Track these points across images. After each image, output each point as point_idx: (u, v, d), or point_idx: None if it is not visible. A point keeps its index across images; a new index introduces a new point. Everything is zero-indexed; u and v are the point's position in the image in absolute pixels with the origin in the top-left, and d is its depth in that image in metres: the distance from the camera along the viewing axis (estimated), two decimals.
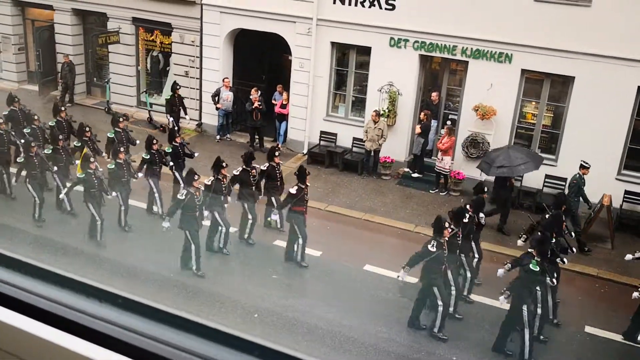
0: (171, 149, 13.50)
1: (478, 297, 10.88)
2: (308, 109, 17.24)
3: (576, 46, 13.93)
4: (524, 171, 13.69)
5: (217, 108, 17.64)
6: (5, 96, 15.68)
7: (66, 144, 13.55)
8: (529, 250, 9.53)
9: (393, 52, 15.86)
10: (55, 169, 12.85)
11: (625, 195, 14.03)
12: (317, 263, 11.93)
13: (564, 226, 10.78)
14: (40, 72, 20.83)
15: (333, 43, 16.70)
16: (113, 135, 13.97)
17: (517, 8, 14.40)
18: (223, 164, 11.73)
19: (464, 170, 15.27)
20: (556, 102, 15.10)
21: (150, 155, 12.95)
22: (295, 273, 11.64)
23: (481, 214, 10.92)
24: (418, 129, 15.73)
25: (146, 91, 20.06)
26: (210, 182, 11.56)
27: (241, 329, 1.16)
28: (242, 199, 12.13)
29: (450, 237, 9.59)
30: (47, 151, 13.08)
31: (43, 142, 13.99)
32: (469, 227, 10.52)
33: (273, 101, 17.76)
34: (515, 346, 9.27)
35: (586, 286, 11.64)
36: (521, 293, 9.12)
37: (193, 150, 14.23)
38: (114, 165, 12.39)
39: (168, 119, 17.23)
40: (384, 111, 16.02)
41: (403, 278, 9.82)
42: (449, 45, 15.31)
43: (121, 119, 14.52)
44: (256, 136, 17.56)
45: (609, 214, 13.12)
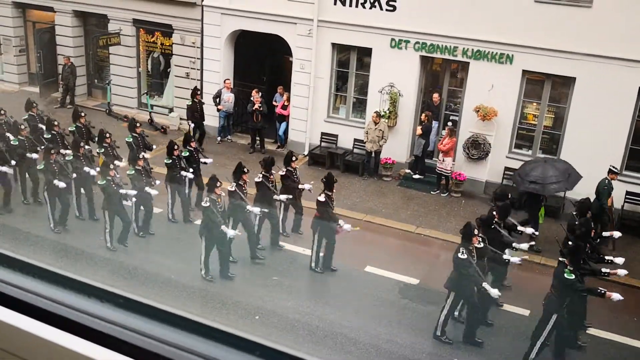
0: (187, 153, 13.31)
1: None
2: (309, 110, 17.24)
3: (577, 47, 13.93)
4: (555, 191, 13.04)
5: (219, 110, 17.64)
6: (7, 99, 15.71)
7: (86, 150, 13.30)
8: (561, 259, 9.40)
9: (394, 53, 15.86)
10: (74, 176, 12.61)
11: (626, 196, 14.01)
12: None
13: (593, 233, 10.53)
14: (41, 74, 20.86)
15: (334, 44, 16.70)
16: (131, 140, 13.78)
17: (518, 9, 14.40)
18: (245, 170, 11.55)
19: (465, 171, 15.26)
20: (557, 103, 15.09)
21: (171, 160, 12.80)
22: (296, 275, 11.64)
23: (521, 227, 10.85)
24: (419, 130, 15.73)
25: (147, 93, 20.07)
26: (233, 189, 11.38)
27: (242, 330, 1.15)
28: (263, 205, 11.83)
29: (478, 244, 9.47)
30: (68, 158, 12.84)
31: (63, 148, 13.69)
32: (497, 234, 10.34)
33: (274, 103, 17.77)
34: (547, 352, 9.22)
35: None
36: (557, 302, 9.01)
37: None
38: (133, 171, 12.20)
39: (189, 125, 16.95)
40: (385, 112, 16.02)
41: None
42: (450, 46, 15.31)
43: (138, 124, 14.30)
44: (257, 138, 17.57)
45: (611, 215, 13.10)
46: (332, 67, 16.97)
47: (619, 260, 10.17)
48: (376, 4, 15.81)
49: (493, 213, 10.59)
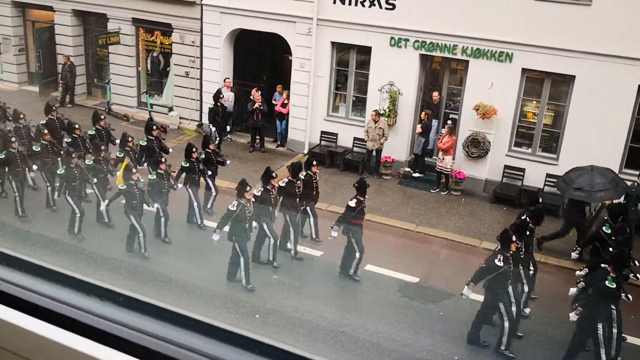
0: (204, 155, 13.14)
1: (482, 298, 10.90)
2: (309, 109, 17.24)
3: (577, 45, 13.93)
4: (601, 200, 12.49)
5: None
6: (7, 98, 15.68)
7: (107, 154, 13.07)
8: (603, 265, 9.23)
9: (393, 52, 15.86)
10: (95, 181, 12.41)
11: (626, 194, 14.00)
12: (319, 263, 11.93)
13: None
14: (40, 73, 20.87)
15: (333, 43, 16.70)
16: (146, 143, 13.63)
17: (518, 7, 14.39)
18: (273, 174, 11.41)
19: (465, 169, 15.26)
20: (557, 101, 15.09)
21: (189, 163, 12.61)
22: (296, 273, 11.65)
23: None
24: (419, 129, 15.73)
25: (147, 92, 20.07)
26: (260, 193, 11.23)
27: (242, 328, 1.16)
28: (286, 211, 11.72)
29: (515, 251, 9.32)
30: (89, 162, 12.61)
31: (84, 152, 13.43)
32: (529, 240, 10.24)
33: (273, 101, 17.77)
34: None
35: None
36: (595, 311, 8.81)
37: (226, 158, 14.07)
38: (155, 175, 12.04)
39: (210, 129, 16.71)
40: (385, 111, 16.02)
41: (468, 295, 9.53)
42: (450, 44, 15.31)
43: (154, 127, 14.12)
44: (257, 136, 17.57)
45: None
46: (332, 66, 16.97)
47: None
48: (376, 3, 15.80)
49: (525, 218, 10.33)
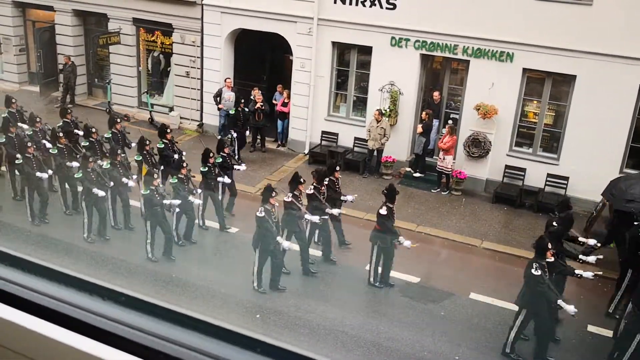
0: (220, 159, 13.04)
1: (483, 298, 10.89)
2: (309, 109, 17.24)
3: (577, 45, 13.92)
4: None
5: (219, 108, 17.64)
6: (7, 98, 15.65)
7: (123, 158, 12.89)
8: None
9: (394, 52, 15.86)
10: (111, 184, 12.29)
11: None
12: (319, 263, 11.92)
13: None
14: (41, 73, 20.88)
15: (334, 43, 16.70)
16: (163, 146, 13.44)
17: (518, 7, 14.38)
18: (301, 180, 11.21)
19: (466, 169, 15.26)
20: (558, 101, 15.09)
21: (207, 168, 12.53)
22: (296, 274, 11.64)
23: (592, 240, 10.55)
24: (419, 129, 15.73)
25: (147, 92, 20.08)
26: (289, 199, 11.01)
27: (243, 328, 1.16)
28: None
29: (550, 259, 9.23)
30: (106, 166, 12.40)
31: (101, 156, 13.26)
32: (561, 247, 10.15)
33: (274, 101, 17.77)
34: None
35: (589, 285, 11.60)
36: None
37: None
38: (176, 180, 11.87)
39: (231, 135, 16.42)
40: (386, 111, 16.02)
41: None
42: (450, 44, 15.30)
43: (168, 130, 13.85)
44: (257, 136, 17.57)
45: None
46: (333, 66, 16.97)
47: None
48: (376, 3, 15.80)
49: (554, 224, 10.21)
